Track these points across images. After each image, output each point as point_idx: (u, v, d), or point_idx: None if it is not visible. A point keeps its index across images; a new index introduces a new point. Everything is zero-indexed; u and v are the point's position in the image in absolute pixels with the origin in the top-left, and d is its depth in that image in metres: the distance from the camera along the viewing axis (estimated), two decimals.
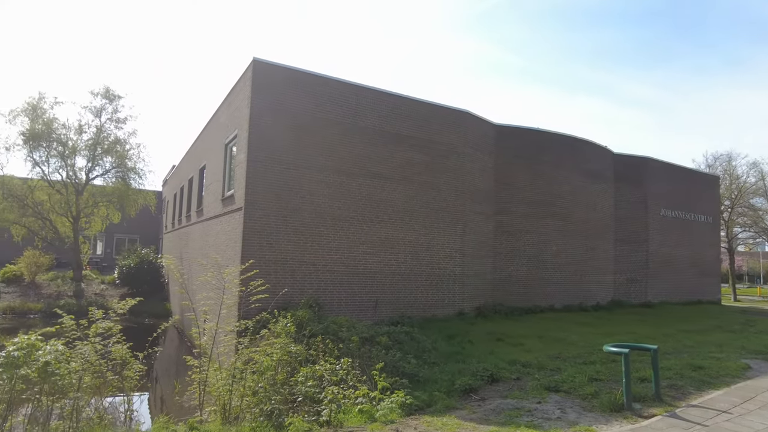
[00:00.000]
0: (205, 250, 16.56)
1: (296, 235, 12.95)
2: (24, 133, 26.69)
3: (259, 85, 12.60)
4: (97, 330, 6.70)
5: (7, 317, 23.93)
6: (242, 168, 12.60)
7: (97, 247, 38.50)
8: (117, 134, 29.10)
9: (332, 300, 13.26)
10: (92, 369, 6.66)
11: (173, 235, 26.73)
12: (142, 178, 29.80)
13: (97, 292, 27.85)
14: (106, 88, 28.37)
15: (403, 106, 14.99)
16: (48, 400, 6.50)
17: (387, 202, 14.41)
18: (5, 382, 6.13)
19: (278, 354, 8.10)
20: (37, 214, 27.70)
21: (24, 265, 27.56)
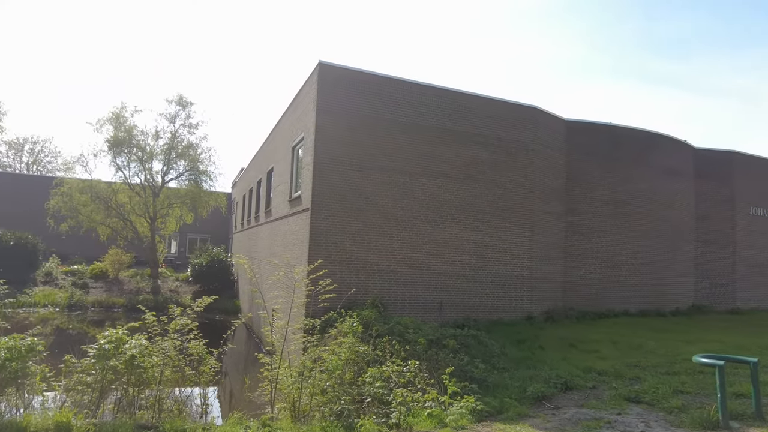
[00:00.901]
0: (272, 249, 17.06)
1: (360, 235, 13.04)
2: (108, 140, 28.78)
3: (325, 87, 12.80)
4: (176, 327, 7.03)
5: (96, 310, 25.89)
6: (308, 170, 12.85)
7: (172, 246, 40.80)
8: (189, 139, 30.78)
9: (396, 300, 13.23)
10: (172, 364, 6.99)
11: (242, 235, 27.81)
12: (212, 181, 31.36)
13: (172, 289, 29.53)
14: (180, 95, 30.08)
15: (468, 103, 14.73)
16: (133, 390, 6.90)
17: (451, 201, 14.20)
18: (97, 372, 6.56)
19: (346, 353, 8.16)
20: (120, 215, 29.73)
21: (109, 263, 29.67)
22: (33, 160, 58.64)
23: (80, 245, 32.50)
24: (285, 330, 7.88)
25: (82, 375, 6.80)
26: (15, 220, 31.27)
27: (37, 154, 58.95)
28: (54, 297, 25.61)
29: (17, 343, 5.96)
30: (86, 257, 32.12)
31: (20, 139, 56.82)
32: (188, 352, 7.27)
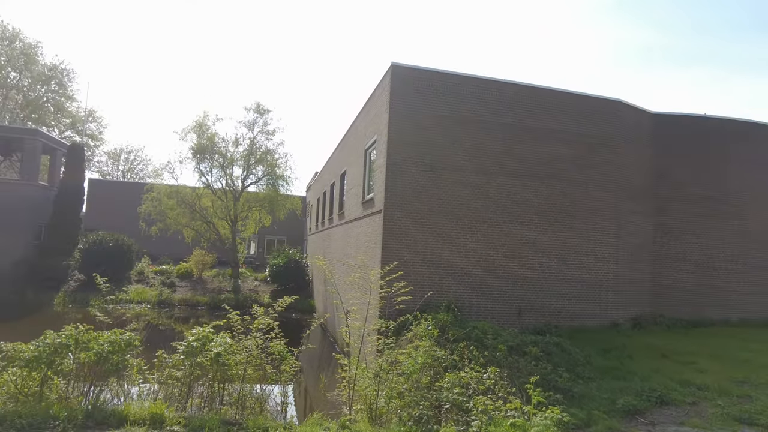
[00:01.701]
0: (346, 251, 17.28)
1: (434, 237, 12.85)
2: (192, 147, 30.62)
3: (397, 89, 12.76)
4: (258, 326, 7.22)
5: (182, 307, 27.57)
6: (381, 172, 12.86)
7: (251, 248, 42.67)
8: (267, 145, 32.04)
9: (471, 304, 12.90)
10: (254, 362, 7.19)
11: (316, 237, 28.49)
12: (289, 185, 32.44)
13: (251, 288, 30.82)
14: (257, 103, 31.42)
15: (547, 98, 14.10)
16: (218, 386, 7.17)
17: (529, 201, 13.64)
18: (186, 368, 6.88)
19: (423, 358, 8.01)
20: (203, 219, 31.50)
21: (193, 263, 31.52)
22: (128, 168, 63.84)
23: (168, 246, 34.82)
24: (362, 331, 7.87)
25: (172, 370, 7.18)
26: (113, 224, 34.02)
27: (131, 162, 64.16)
28: (145, 295, 27.57)
29: (118, 338, 6.37)
30: (173, 258, 34.34)
31: (117, 149, 62.09)
32: (269, 350, 7.45)
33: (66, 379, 6.63)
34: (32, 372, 6.20)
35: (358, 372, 7.69)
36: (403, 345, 9.68)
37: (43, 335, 6.27)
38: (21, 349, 6.09)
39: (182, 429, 5.88)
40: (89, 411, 5.91)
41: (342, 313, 8.53)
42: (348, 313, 7.94)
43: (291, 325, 17.18)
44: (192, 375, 7.03)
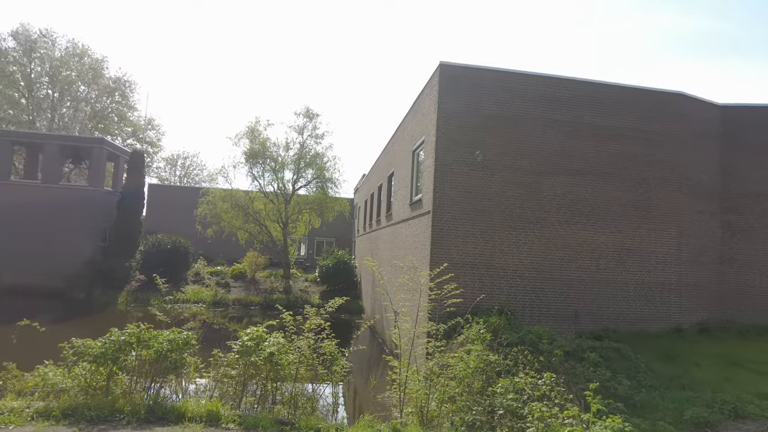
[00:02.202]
0: (393, 252, 17.23)
1: (484, 238, 12.58)
2: (245, 152, 31.54)
3: (446, 88, 12.59)
4: (310, 326, 7.26)
5: (235, 307, 28.41)
6: (430, 172, 12.72)
7: (301, 249, 43.48)
8: (316, 149, 32.56)
9: (524, 308, 12.52)
10: (306, 362, 7.24)
11: (364, 238, 28.64)
12: (337, 187, 32.87)
13: (302, 289, 31.37)
14: (307, 108, 31.96)
15: (604, 93, 13.52)
16: (271, 385, 7.27)
17: (585, 201, 13.11)
18: (240, 367, 7.02)
19: (475, 362, 7.83)
20: (256, 221, 32.35)
21: (247, 264, 32.43)
22: (184, 173, 66.65)
23: (223, 248, 36.01)
24: (412, 334, 7.78)
25: (227, 368, 7.34)
26: (171, 226, 35.58)
27: (187, 167, 66.93)
28: (201, 295, 28.60)
29: (176, 337, 6.58)
30: (228, 259, 35.48)
31: (174, 155, 64.96)
32: (321, 351, 7.49)
33: (129, 375, 6.91)
34: (99, 367, 6.50)
35: (408, 375, 7.60)
36: (454, 348, 9.52)
37: (109, 333, 6.57)
38: (90, 345, 6.40)
39: (237, 427, 5.99)
40: (150, 406, 6.13)
41: (390, 314, 8.47)
42: (398, 315, 7.87)
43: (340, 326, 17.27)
44: (246, 374, 7.16)
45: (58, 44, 44.64)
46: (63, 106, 45.56)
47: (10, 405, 6.01)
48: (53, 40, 44.34)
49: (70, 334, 7.72)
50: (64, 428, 5.44)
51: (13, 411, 5.78)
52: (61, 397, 6.52)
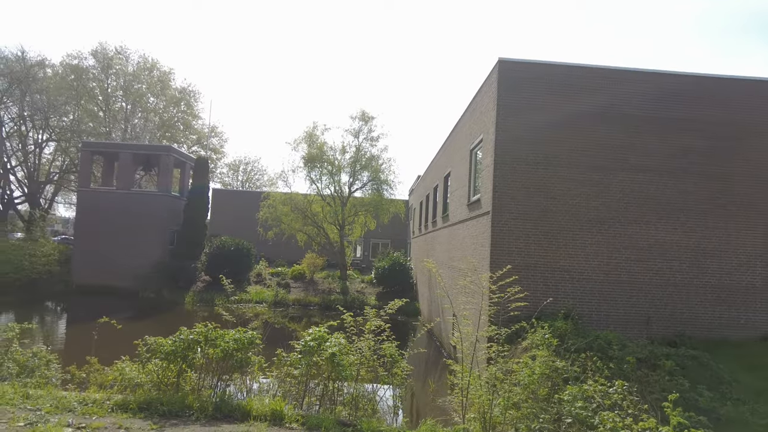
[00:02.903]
0: (451, 254, 16.97)
1: (547, 239, 12.11)
2: (303, 157, 32.28)
3: (505, 85, 12.26)
4: (371, 327, 7.22)
5: (296, 307, 29.06)
6: (488, 172, 12.41)
7: (357, 251, 43.92)
8: (371, 151, 32.82)
9: (590, 312, 11.94)
10: (367, 363, 7.20)
11: (420, 240, 28.50)
12: (392, 189, 33.01)
13: (358, 290, 31.63)
14: (362, 111, 32.20)
15: (672, 84, 12.68)
16: (333, 386, 7.29)
17: (656, 199, 12.34)
18: (303, 367, 7.08)
19: (541, 367, 7.52)
20: (314, 224, 33.02)
21: (305, 265, 33.13)
22: (246, 178, 69.11)
23: (283, 250, 37.02)
24: (474, 338, 7.57)
25: (290, 368, 7.43)
26: (234, 229, 36.99)
27: (248, 172, 69.38)
28: (263, 295, 29.47)
29: (242, 336, 6.74)
30: (287, 260, 36.40)
31: (236, 161, 67.50)
32: (381, 352, 7.44)
33: (197, 373, 7.15)
34: (170, 364, 6.76)
35: (470, 379, 7.40)
36: (517, 354, 9.20)
37: (179, 331, 6.82)
38: (161, 343, 6.67)
39: (300, 427, 6.02)
40: (217, 404, 6.29)
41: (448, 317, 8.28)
42: (458, 318, 7.69)
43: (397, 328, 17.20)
44: (308, 373, 7.22)
45: (131, 59, 47.56)
46: (135, 117, 48.44)
47: (94, 396, 6.37)
48: (127, 56, 47.29)
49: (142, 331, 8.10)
50: (140, 421, 5.67)
51: (96, 402, 6.11)
52: (136, 391, 6.84)
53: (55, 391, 6.81)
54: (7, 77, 40.76)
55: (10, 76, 40.72)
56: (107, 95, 46.30)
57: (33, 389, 6.63)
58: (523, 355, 8.26)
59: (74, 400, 6.19)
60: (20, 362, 7.73)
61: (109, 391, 7.11)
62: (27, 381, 7.24)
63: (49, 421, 5.33)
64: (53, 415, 5.60)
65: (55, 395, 6.39)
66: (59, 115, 43.38)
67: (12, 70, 41.12)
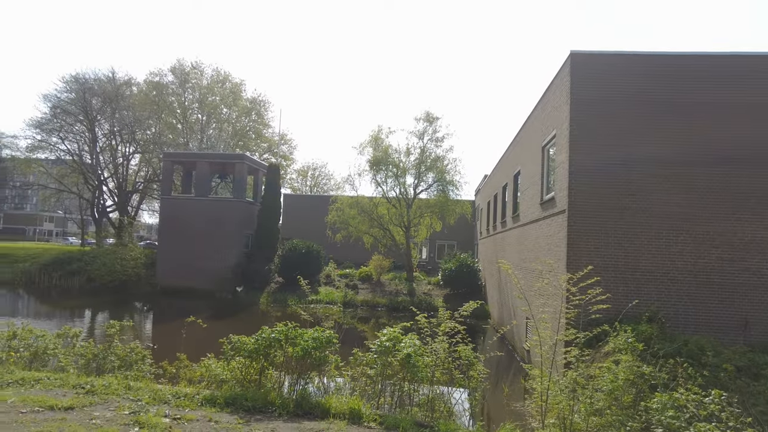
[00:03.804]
0: (522, 255, 16.52)
1: (627, 238, 11.49)
2: (369, 160, 32.77)
3: (579, 78, 11.79)
4: (445, 329, 7.17)
5: (363, 308, 29.50)
6: (563, 169, 11.97)
7: (423, 252, 43.84)
8: (436, 152, 32.70)
9: (677, 315, 11.18)
10: (442, 366, 7.15)
11: (488, 241, 27.98)
12: (458, 190, 32.71)
13: (425, 292, 31.56)
14: (427, 112, 32.16)
15: (763, 65, 11.63)
16: (408, 387, 7.30)
17: (750, 192, 11.34)
18: (378, 367, 7.15)
19: (625, 373, 7.13)
20: (380, 226, 33.37)
21: (372, 267, 33.55)
22: (314, 183, 71.02)
23: (350, 252, 37.68)
24: (552, 342, 7.32)
25: (365, 368, 7.53)
26: (304, 232, 38.11)
27: (316, 177, 71.26)
28: (333, 296, 30.15)
29: (320, 335, 6.91)
30: (355, 262, 37.02)
31: (305, 167, 69.58)
32: (456, 355, 7.36)
33: (278, 370, 7.41)
34: (253, 362, 7.06)
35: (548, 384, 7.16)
36: (598, 358, 8.80)
37: (260, 330, 7.11)
38: (244, 342, 6.99)
39: (378, 426, 6.08)
40: (298, 401, 6.49)
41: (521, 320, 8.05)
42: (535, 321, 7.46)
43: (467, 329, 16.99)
44: (383, 374, 7.27)
45: (205, 73, 50.48)
46: (210, 128, 51.29)
47: (185, 390, 6.78)
48: (201, 70, 50.23)
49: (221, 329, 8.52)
50: (227, 415, 5.96)
51: (187, 396, 6.51)
52: (222, 387, 7.20)
53: (152, 384, 7.32)
54: (101, 97, 44.59)
55: (103, 95, 44.54)
56: (184, 108, 49.36)
57: (133, 381, 7.17)
58: (604, 359, 7.87)
59: (168, 393, 6.62)
60: (120, 356, 8.39)
61: (197, 386, 7.55)
62: (127, 374, 7.84)
63: (148, 411, 5.74)
64: (151, 405, 6.02)
65: (151, 388, 6.87)
66: (143, 128, 46.83)
67: (104, 90, 44.96)
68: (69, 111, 44.70)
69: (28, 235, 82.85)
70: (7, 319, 10.73)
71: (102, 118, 45.55)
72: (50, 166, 49.27)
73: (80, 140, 46.80)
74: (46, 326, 13.11)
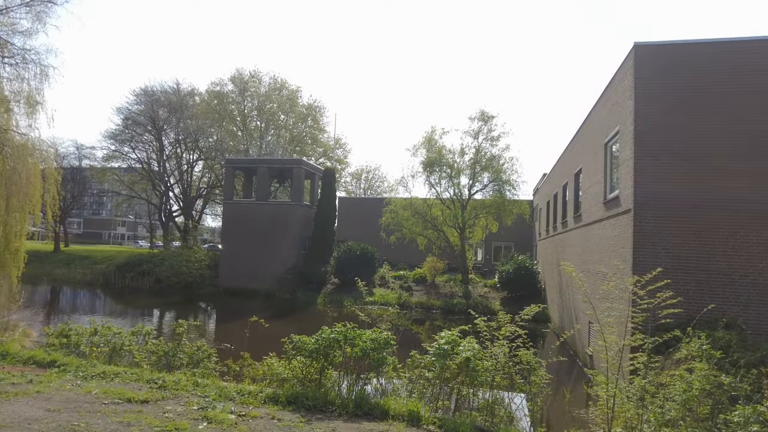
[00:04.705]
0: (584, 257, 15.93)
1: (700, 239, 10.81)
2: (423, 161, 32.67)
3: (643, 71, 11.25)
4: (506, 333, 7.03)
5: (418, 310, 29.47)
6: (628, 166, 11.45)
7: (478, 254, 43.14)
8: (492, 151, 32.11)
9: (759, 322, 10.38)
10: (502, 370, 7.01)
11: (547, 242, 27.18)
12: (515, 189, 31.91)
13: (481, 294, 31.05)
14: (481, 111, 31.67)
15: None
16: (467, 391, 7.21)
17: None
18: (436, 370, 7.11)
19: (700, 382, 6.70)
20: (434, 227, 33.18)
21: (426, 269, 33.42)
22: (368, 185, 71.77)
23: (404, 254, 37.72)
24: (620, 347, 7.00)
25: (422, 370, 7.50)
26: (358, 234, 38.53)
27: (370, 180, 71.99)
28: (387, 297, 30.31)
29: (378, 336, 6.97)
30: (409, 264, 37.02)
31: (359, 170, 70.48)
32: (516, 359, 7.20)
33: (337, 370, 7.53)
34: (313, 362, 7.21)
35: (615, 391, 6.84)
36: (669, 366, 8.32)
37: (320, 330, 7.26)
38: (305, 341, 7.16)
39: (437, 429, 6.04)
40: (357, 401, 6.56)
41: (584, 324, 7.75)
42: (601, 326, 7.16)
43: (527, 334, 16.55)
44: (441, 377, 7.23)
45: (263, 81, 52.22)
46: (268, 134, 53.02)
47: (248, 388, 7.04)
48: (259, 78, 52.00)
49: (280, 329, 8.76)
50: (289, 413, 6.12)
51: (250, 393, 6.75)
52: (284, 386, 7.41)
53: (217, 381, 7.65)
54: (167, 107, 47.21)
55: (169, 106, 47.14)
56: (244, 116, 51.33)
57: (200, 378, 7.52)
58: (675, 367, 7.43)
59: (233, 390, 6.89)
60: (188, 354, 8.82)
61: (260, 384, 7.80)
62: (194, 371, 8.24)
63: (215, 407, 5.99)
64: (218, 402, 6.28)
65: (217, 385, 7.18)
66: (206, 136, 49.10)
67: (170, 101, 47.55)
68: (139, 122, 47.63)
69: (104, 238, 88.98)
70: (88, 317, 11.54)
71: (168, 128, 48.18)
72: (122, 174, 52.72)
73: (149, 149, 49.79)
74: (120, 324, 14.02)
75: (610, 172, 13.52)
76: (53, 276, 39.62)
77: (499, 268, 32.09)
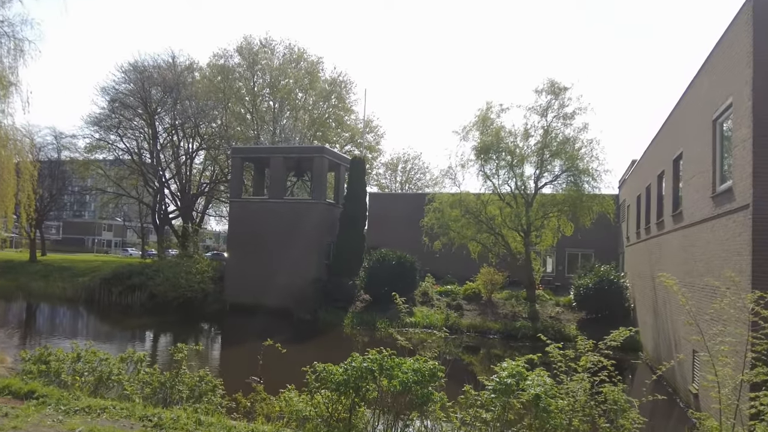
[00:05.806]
0: (688, 267, 15.51)
1: None
2: (475, 147, 32.40)
3: (764, 28, 10.93)
4: (586, 364, 6.89)
5: (470, 335, 29.30)
6: (745, 148, 11.15)
7: (548, 264, 42.43)
8: (565, 133, 31.53)
9: None
10: (582, 411, 6.87)
11: (637, 248, 26.58)
12: (596, 181, 30.92)
13: (552, 315, 30.58)
14: (551, 81, 31.07)
15: None
16: None
17: None
18: (497, 409, 7.03)
19: None
20: (490, 230, 32.87)
21: (481, 283, 33.19)
22: (405, 178, 71.94)
23: (451, 263, 37.54)
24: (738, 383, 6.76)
25: (478, 410, 7.43)
26: (392, 239, 38.59)
27: (408, 171, 72.11)
28: (431, 318, 30.25)
29: (422, 366, 6.95)
30: (457, 276, 36.83)
31: (394, 159, 70.66)
32: (600, 398, 7.05)
33: (371, 408, 7.56)
34: (341, 397, 7.26)
35: None
36: None
37: (350, 358, 7.31)
38: (331, 371, 7.22)
39: None
40: None
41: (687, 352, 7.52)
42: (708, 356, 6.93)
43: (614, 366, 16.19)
44: (503, 418, 7.15)
45: (277, 52, 53.02)
46: (283, 117, 53.85)
47: (262, 428, 7.16)
48: (272, 48, 52.84)
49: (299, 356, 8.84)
50: None
51: None
52: (305, 426, 7.49)
53: (225, 419, 7.80)
54: (161, 86, 48.60)
55: (163, 85, 48.54)
56: (254, 95, 52.22)
57: (203, 415, 7.69)
58: None
59: (244, 430, 7.01)
60: (189, 386, 9.04)
61: (277, 423, 7.92)
62: (197, 406, 8.43)
63: None
64: None
65: (225, 424, 7.33)
66: (208, 120, 50.28)
67: (165, 78, 48.93)
68: (127, 104, 49.25)
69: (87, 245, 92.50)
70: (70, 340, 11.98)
71: (162, 111, 49.64)
72: (108, 168, 54.53)
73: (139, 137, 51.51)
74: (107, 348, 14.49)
75: (721, 158, 13.25)
76: (29, 290, 41.50)
77: (575, 281, 31.51)
